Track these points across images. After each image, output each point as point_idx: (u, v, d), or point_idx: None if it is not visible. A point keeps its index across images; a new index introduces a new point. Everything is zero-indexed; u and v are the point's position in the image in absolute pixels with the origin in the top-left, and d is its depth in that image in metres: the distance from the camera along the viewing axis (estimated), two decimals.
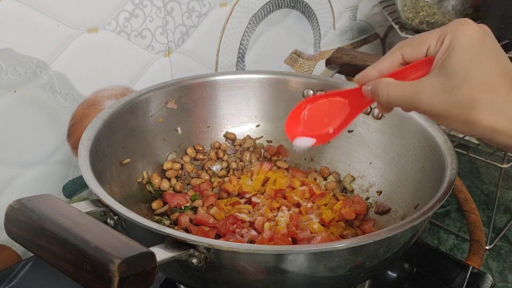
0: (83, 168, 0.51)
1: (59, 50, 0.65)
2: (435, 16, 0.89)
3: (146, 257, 0.36)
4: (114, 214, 0.47)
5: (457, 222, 0.89)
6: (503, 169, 0.80)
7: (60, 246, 0.36)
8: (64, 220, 0.38)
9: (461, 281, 0.64)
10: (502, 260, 0.81)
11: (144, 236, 0.45)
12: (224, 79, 0.74)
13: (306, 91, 0.74)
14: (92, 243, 0.35)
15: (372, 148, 0.69)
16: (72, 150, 0.70)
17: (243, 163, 0.74)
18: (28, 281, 0.63)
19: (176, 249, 0.42)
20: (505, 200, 0.95)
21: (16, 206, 0.39)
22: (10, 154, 0.65)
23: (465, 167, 1.03)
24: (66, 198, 0.73)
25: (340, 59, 0.75)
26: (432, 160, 0.59)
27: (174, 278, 0.53)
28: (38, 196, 0.41)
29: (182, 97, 0.71)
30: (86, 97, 0.70)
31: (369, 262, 0.47)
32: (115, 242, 0.35)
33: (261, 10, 0.87)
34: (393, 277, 0.66)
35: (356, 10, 1.06)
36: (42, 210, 0.39)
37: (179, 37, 0.77)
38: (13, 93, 0.62)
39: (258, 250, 0.42)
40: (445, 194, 0.50)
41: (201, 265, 0.43)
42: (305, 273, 0.44)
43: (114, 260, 0.33)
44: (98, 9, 0.67)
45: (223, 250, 0.42)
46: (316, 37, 1.00)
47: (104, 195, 0.47)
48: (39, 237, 0.37)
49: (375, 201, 0.67)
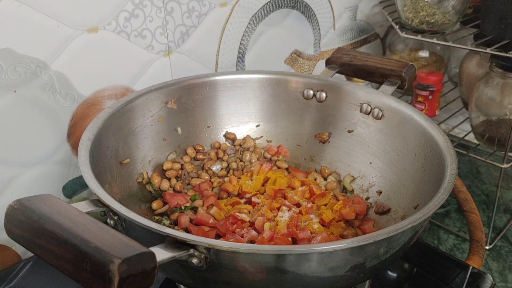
0: (83, 168, 0.51)
1: (59, 50, 0.65)
2: (435, 16, 0.89)
3: (146, 257, 0.36)
4: (114, 214, 0.47)
5: (457, 222, 0.89)
6: (503, 169, 0.80)
7: (60, 246, 0.36)
8: (64, 220, 0.38)
9: (461, 281, 0.64)
10: (502, 260, 0.81)
11: (144, 236, 0.45)
12: (224, 79, 0.74)
13: (306, 91, 0.74)
14: (92, 243, 0.35)
15: (372, 148, 0.69)
16: (72, 150, 0.70)
17: (243, 163, 0.74)
18: (28, 281, 0.63)
19: (176, 249, 0.42)
20: (505, 200, 0.95)
21: (16, 206, 0.39)
22: (10, 154, 0.65)
23: (465, 167, 1.03)
24: (66, 198, 0.73)
25: (340, 59, 0.75)
26: (432, 160, 0.59)
27: (174, 278, 0.53)
28: (38, 196, 0.41)
29: (182, 97, 0.71)
30: (86, 97, 0.70)
31: (369, 262, 0.47)
32: (115, 242, 0.35)
33: (261, 10, 0.87)
34: (393, 277, 0.66)
35: (356, 10, 1.06)
36: (42, 210, 0.38)
37: (179, 37, 0.77)
38: (13, 93, 0.62)
39: (258, 250, 0.42)
40: (445, 194, 0.50)
41: (201, 265, 0.43)
42: (305, 273, 0.44)
43: (114, 260, 0.33)
44: (98, 9, 0.67)
45: (223, 250, 0.42)
46: (316, 37, 1.00)
47: (104, 195, 0.47)
48: (39, 237, 0.37)
49: (375, 201, 0.67)
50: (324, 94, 0.73)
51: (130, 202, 0.62)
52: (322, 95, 0.73)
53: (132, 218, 0.44)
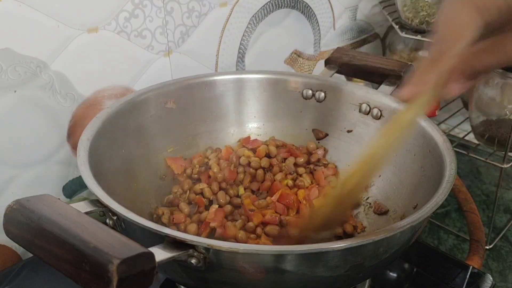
0: (82, 168, 0.51)
1: (59, 50, 0.65)
2: (435, 16, 0.89)
3: (145, 258, 0.36)
4: (113, 214, 0.47)
5: (457, 222, 0.89)
6: (503, 169, 0.80)
7: (59, 246, 0.36)
8: (63, 220, 0.37)
9: (461, 281, 0.64)
10: (502, 260, 0.81)
11: (143, 236, 0.45)
12: (224, 79, 0.74)
13: (305, 91, 0.74)
14: (91, 243, 0.35)
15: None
16: (72, 150, 0.70)
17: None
18: (28, 281, 0.63)
19: (175, 249, 0.42)
20: (505, 200, 0.95)
21: (15, 206, 0.39)
22: (10, 154, 0.65)
23: (465, 167, 1.03)
24: (66, 198, 0.73)
25: (339, 59, 0.75)
26: (431, 160, 0.59)
27: (174, 278, 0.53)
28: (37, 196, 0.41)
29: (181, 97, 0.71)
30: (86, 97, 0.70)
31: (368, 262, 0.47)
32: (114, 242, 0.35)
33: (261, 10, 0.87)
34: (393, 277, 0.66)
35: (356, 10, 1.06)
36: (42, 211, 0.38)
37: (179, 37, 0.77)
38: (13, 93, 0.62)
39: (257, 250, 0.42)
40: (444, 194, 0.50)
41: (200, 265, 0.43)
42: (304, 272, 0.44)
43: (113, 260, 0.33)
44: (98, 9, 0.67)
45: (222, 250, 0.42)
46: (316, 37, 1.00)
47: (103, 195, 0.47)
48: (39, 238, 0.37)
49: (374, 201, 0.67)
50: (323, 94, 0.73)
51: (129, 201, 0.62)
52: (321, 95, 0.73)
53: (131, 218, 0.44)
